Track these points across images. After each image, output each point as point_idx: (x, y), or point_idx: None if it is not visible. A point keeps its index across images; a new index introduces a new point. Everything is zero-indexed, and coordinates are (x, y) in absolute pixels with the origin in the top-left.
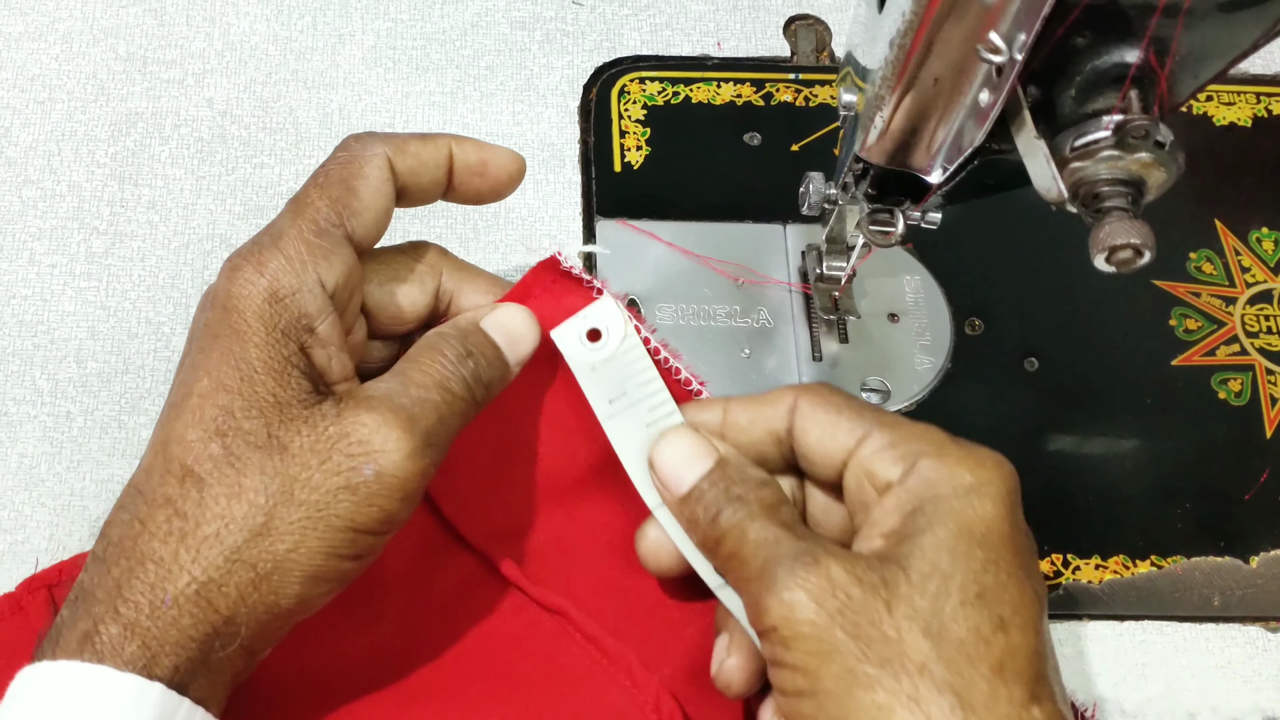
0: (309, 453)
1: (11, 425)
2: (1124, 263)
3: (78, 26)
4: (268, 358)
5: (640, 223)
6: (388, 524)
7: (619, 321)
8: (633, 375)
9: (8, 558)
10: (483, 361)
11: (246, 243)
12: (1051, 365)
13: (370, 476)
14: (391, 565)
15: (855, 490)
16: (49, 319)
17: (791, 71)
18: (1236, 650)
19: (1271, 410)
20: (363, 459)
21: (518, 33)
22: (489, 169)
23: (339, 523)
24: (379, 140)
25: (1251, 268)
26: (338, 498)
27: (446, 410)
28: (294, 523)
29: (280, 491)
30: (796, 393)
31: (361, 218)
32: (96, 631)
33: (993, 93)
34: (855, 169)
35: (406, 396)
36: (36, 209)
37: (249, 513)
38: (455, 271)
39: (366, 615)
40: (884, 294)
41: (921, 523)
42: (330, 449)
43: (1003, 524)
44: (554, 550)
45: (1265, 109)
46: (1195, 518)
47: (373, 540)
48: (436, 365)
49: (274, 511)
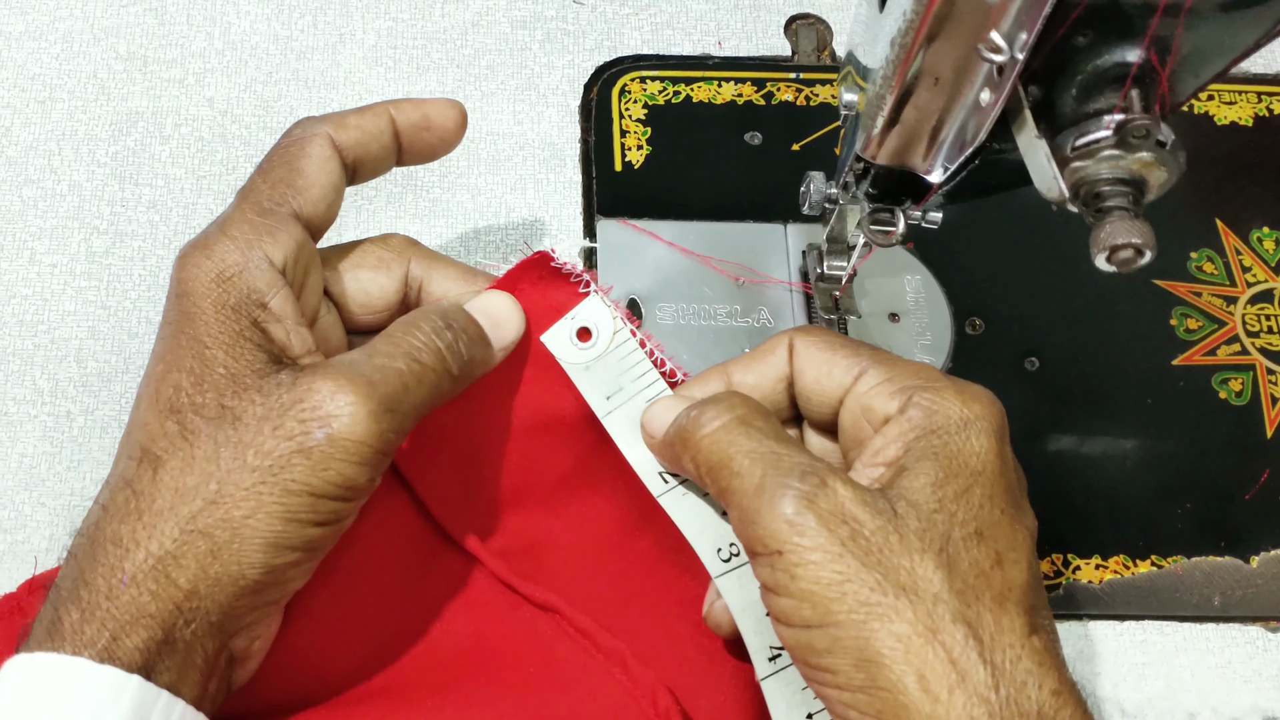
0: (261, 420)
1: (11, 425)
2: (1125, 262)
3: (78, 26)
4: (218, 333)
5: (641, 222)
6: (348, 489)
7: (608, 318)
8: (626, 370)
9: (8, 558)
10: (463, 337)
11: (198, 234)
12: (1051, 365)
13: (322, 440)
14: (382, 566)
15: (851, 426)
16: (49, 319)
17: (792, 71)
18: (1236, 650)
19: (1272, 410)
20: (315, 423)
21: (518, 32)
22: (432, 120)
23: (295, 487)
24: (319, 120)
25: (1252, 267)
26: (291, 462)
27: (413, 380)
28: (248, 489)
29: (233, 458)
30: (791, 334)
31: (307, 195)
32: (59, 619)
33: (994, 92)
34: (856, 168)
35: (368, 365)
36: (37, 208)
37: (200, 482)
38: (424, 259)
39: (359, 617)
40: (884, 294)
41: (923, 455)
42: (283, 415)
43: (995, 459)
44: (544, 547)
45: (1266, 108)
46: (1195, 518)
47: (335, 506)
48: (408, 337)
49: (226, 479)
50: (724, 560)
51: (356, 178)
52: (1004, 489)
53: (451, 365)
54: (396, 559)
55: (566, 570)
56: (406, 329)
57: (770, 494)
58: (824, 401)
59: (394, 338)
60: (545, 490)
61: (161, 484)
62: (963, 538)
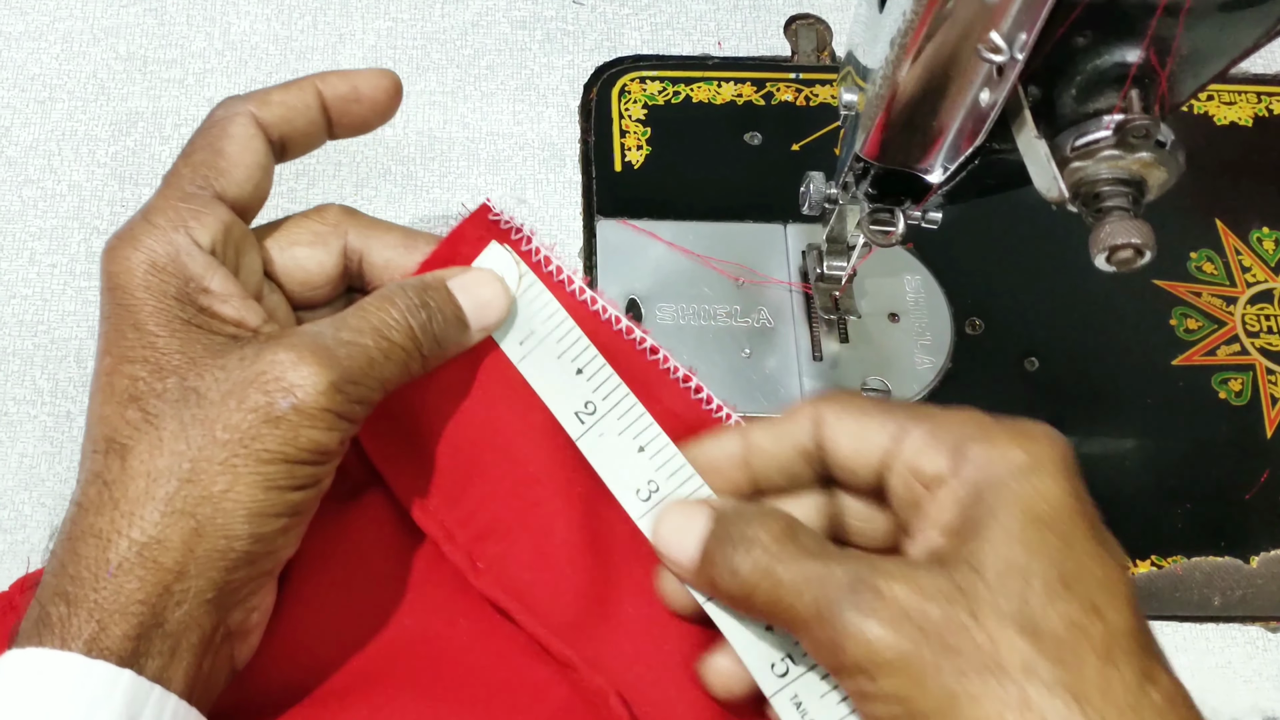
0: (226, 395)
1: (11, 425)
2: (1124, 262)
3: (78, 26)
4: (165, 322)
5: (641, 222)
6: (321, 454)
7: (511, 265)
8: (535, 313)
9: (7, 558)
10: (439, 317)
11: (123, 224)
12: (1051, 365)
13: (288, 409)
14: (359, 559)
15: (903, 491)
16: (49, 319)
17: (792, 71)
18: (1236, 650)
19: (1272, 410)
20: (279, 394)
21: (518, 32)
22: (361, 92)
23: (268, 455)
24: (240, 100)
25: (1252, 267)
26: (261, 432)
27: (379, 356)
28: (221, 463)
29: (202, 435)
30: (817, 404)
31: (231, 175)
32: (46, 614)
33: (993, 92)
34: (856, 168)
35: (332, 337)
36: (37, 209)
37: (173, 462)
38: (363, 229)
39: (314, 610)
40: (884, 294)
41: (983, 513)
42: (247, 388)
43: (1069, 499)
44: (505, 540)
45: (1266, 108)
46: (1195, 518)
47: (311, 470)
48: (380, 312)
49: (199, 456)
50: (643, 500)
51: (286, 154)
52: (1085, 529)
53: (423, 344)
54: (370, 552)
55: (527, 574)
56: (380, 303)
57: (830, 617)
58: (865, 468)
59: (366, 311)
60: (507, 478)
61: (132, 471)
62: (1047, 594)
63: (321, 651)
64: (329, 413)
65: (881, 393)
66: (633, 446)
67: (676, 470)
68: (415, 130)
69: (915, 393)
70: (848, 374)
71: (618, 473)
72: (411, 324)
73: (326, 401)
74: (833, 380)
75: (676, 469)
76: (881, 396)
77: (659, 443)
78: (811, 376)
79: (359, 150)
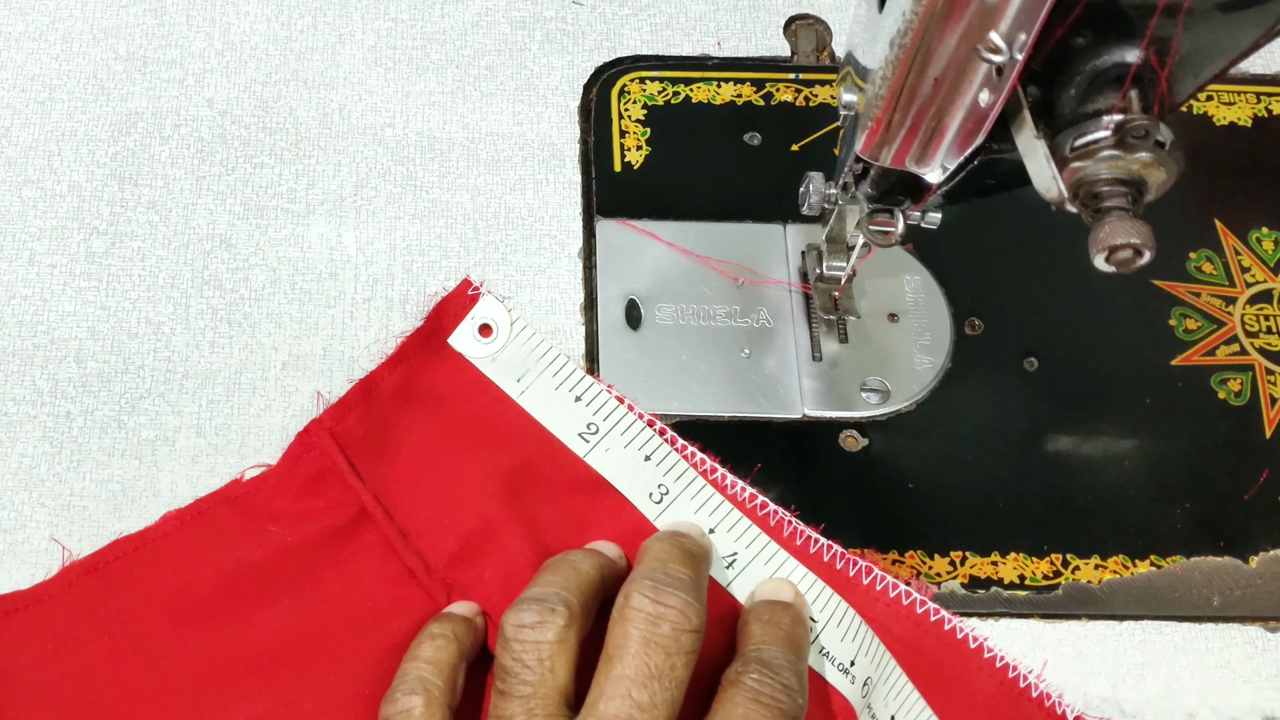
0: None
1: (11, 425)
2: (1124, 263)
3: (78, 26)
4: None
5: (640, 222)
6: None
7: (503, 313)
8: (529, 353)
9: (7, 558)
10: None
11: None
12: (1051, 365)
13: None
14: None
15: None
16: (49, 319)
17: (792, 71)
18: (1236, 650)
19: (1271, 410)
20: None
21: (518, 32)
22: None
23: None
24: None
25: (1251, 267)
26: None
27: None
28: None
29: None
30: None
31: None
32: None
33: (993, 93)
34: (855, 169)
35: None
36: (36, 209)
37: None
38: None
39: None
40: (884, 294)
41: None
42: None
43: None
44: (482, 559)
45: (1265, 109)
46: (1195, 518)
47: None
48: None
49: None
50: (655, 502)
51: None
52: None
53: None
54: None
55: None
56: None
57: None
58: None
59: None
60: (485, 502)
61: None
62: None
63: None
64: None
65: (881, 393)
66: (639, 458)
67: (681, 475)
68: (415, 130)
69: (915, 393)
70: (847, 374)
71: (631, 482)
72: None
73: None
74: (832, 380)
75: (681, 473)
76: (881, 397)
77: (661, 451)
78: (811, 376)
79: (359, 150)
